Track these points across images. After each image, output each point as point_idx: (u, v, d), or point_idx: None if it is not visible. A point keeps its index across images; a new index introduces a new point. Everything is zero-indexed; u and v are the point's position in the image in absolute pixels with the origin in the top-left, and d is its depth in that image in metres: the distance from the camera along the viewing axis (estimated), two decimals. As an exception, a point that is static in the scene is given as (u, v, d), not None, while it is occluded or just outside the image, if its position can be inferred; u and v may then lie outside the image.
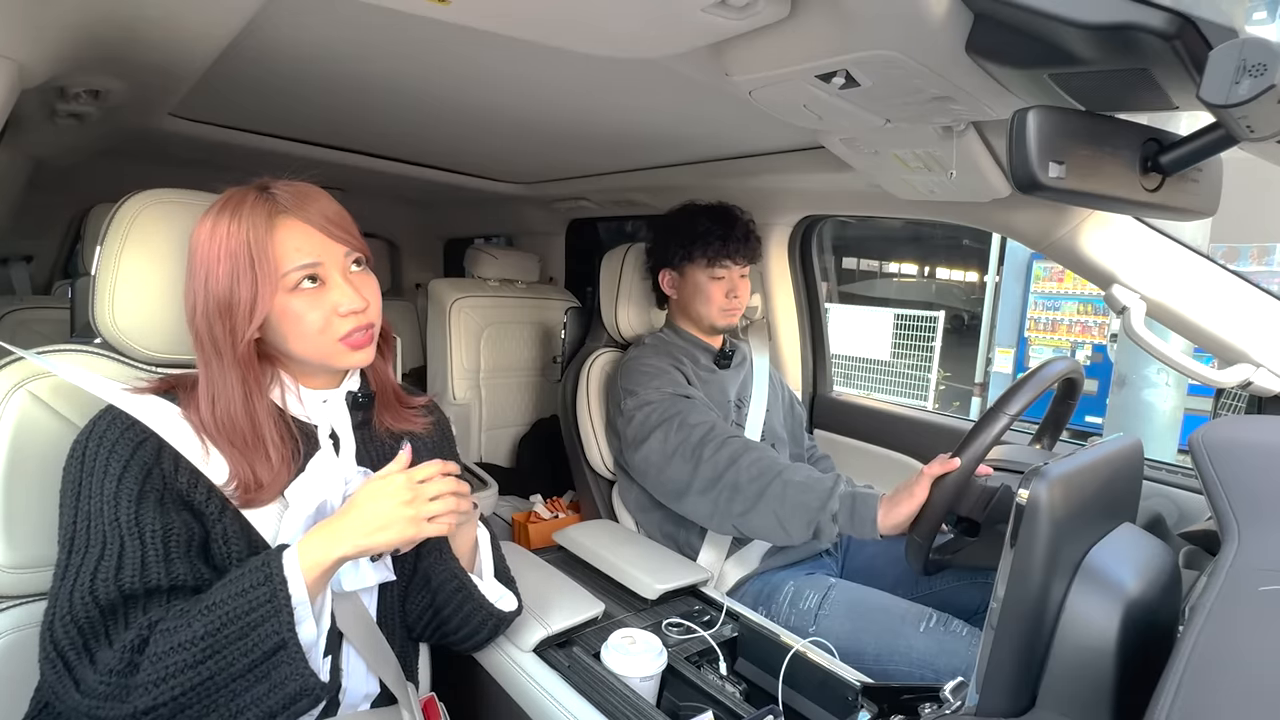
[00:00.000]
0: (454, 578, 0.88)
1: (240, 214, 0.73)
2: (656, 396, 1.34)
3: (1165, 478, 1.24)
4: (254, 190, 0.76)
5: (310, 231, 0.76)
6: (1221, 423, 0.73)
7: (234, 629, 0.66)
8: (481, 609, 0.90)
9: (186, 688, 0.64)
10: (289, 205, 0.75)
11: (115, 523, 0.69)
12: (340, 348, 0.78)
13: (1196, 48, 0.59)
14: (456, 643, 0.94)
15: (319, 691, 0.69)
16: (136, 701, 0.63)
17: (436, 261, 3.04)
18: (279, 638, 0.66)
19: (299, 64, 1.05)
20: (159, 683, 0.64)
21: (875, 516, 1.04)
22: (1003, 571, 0.55)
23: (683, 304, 1.51)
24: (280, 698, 0.67)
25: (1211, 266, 1.10)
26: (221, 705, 0.66)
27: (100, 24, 0.87)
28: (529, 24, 0.81)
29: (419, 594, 0.90)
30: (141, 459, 0.71)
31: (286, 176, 0.79)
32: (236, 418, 0.75)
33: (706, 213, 1.46)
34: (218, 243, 0.73)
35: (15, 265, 2.36)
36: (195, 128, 1.48)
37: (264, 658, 0.66)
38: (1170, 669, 0.46)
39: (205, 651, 0.65)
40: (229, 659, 0.65)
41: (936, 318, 6.28)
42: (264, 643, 0.66)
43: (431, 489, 0.74)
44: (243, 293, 0.72)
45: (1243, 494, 0.59)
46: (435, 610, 0.90)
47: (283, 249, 0.74)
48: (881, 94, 0.85)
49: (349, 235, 0.79)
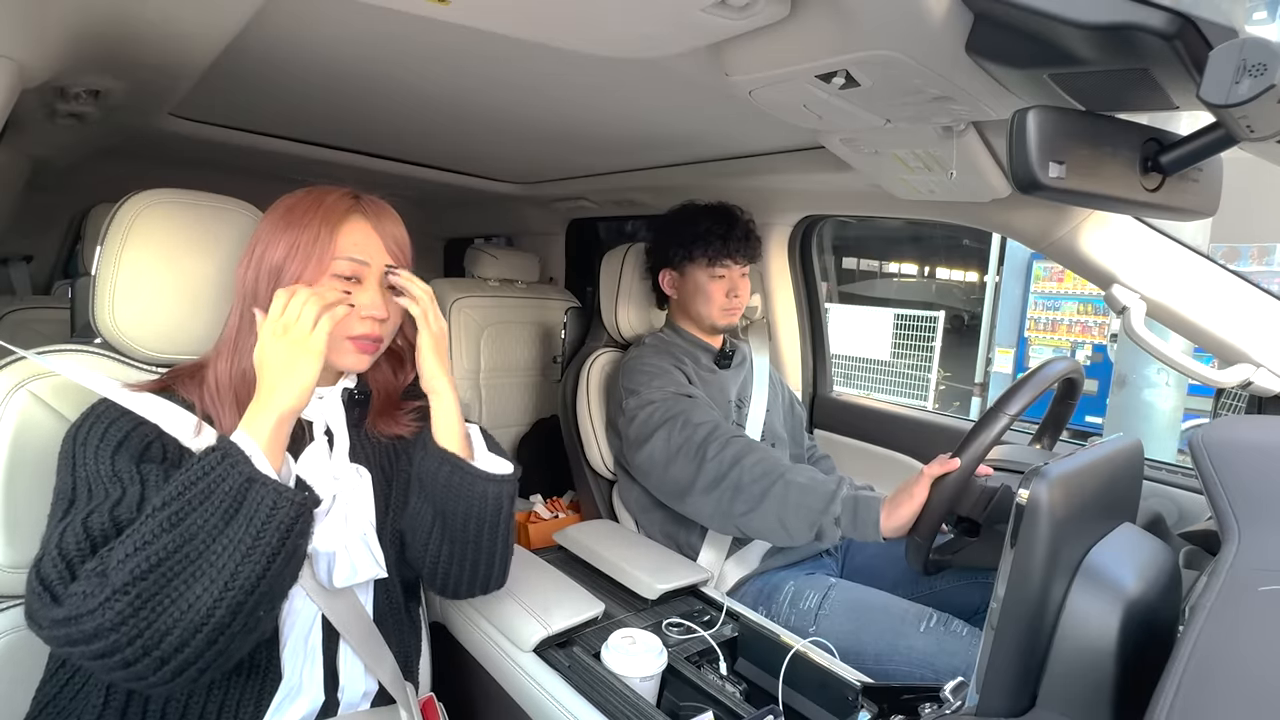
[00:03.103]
0: (443, 459, 0.84)
1: (322, 202, 0.81)
2: (659, 396, 1.34)
3: (1165, 478, 1.24)
4: (344, 190, 0.83)
5: (374, 238, 0.82)
6: (1221, 423, 0.73)
7: (197, 490, 0.64)
8: (479, 479, 0.84)
9: (160, 556, 0.61)
10: (368, 211, 0.83)
11: (115, 477, 0.69)
12: (346, 345, 0.81)
13: (1196, 48, 0.59)
14: (474, 555, 0.87)
15: (296, 498, 0.67)
16: (114, 580, 0.60)
17: (436, 261, 3.04)
18: (244, 476, 0.65)
19: (299, 64, 1.05)
20: (131, 555, 0.60)
21: (877, 519, 1.04)
22: (1003, 571, 0.55)
23: (683, 304, 1.51)
24: (258, 520, 0.65)
25: (1211, 266, 1.10)
26: (205, 562, 0.63)
27: (100, 24, 0.87)
28: (529, 24, 0.81)
29: (421, 507, 0.86)
30: (141, 433, 0.73)
31: (377, 194, 0.86)
32: (250, 370, 0.76)
33: (706, 213, 1.46)
34: (291, 220, 0.80)
35: (15, 265, 2.36)
36: (195, 128, 1.48)
37: (235, 500, 0.65)
38: (1170, 669, 0.46)
39: (173, 518, 0.63)
40: (201, 518, 0.63)
41: (936, 318, 6.29)
42: (231, 489, 0.65)
43: (294, 309, 0.74)
44: (295, 263, 0.78)
45: (1243, 494, 0.59)
46: (440, 518, 0.85)
47: (344, 240, 0.80)
48: (881, 94, 0.85)
49: (403, 257, 0.85)
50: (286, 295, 0.75)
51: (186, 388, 0.79)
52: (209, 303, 0.85)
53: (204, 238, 0.85)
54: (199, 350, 0.87)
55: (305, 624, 0.80)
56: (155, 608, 0.61)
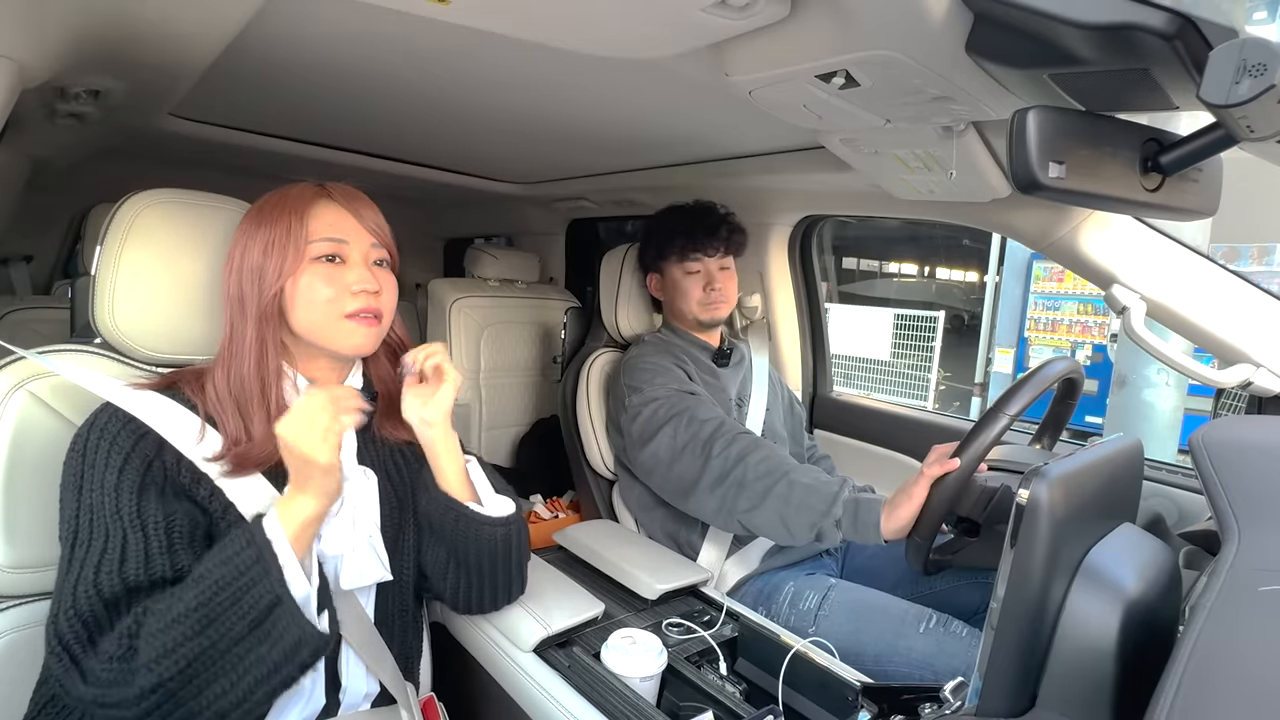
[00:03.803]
0: (451, 509, 0.85)
1: (288, 196, 0.81)
2: (663, 393, 1.34)
3: (1165, 478, 1.23)
4: (310, 182, 0.84)
5: (345, 215, 0.83)
6: (1221, 423, 0.73)
7: (226, 595, 0.66)
8: (485, 525, 0.86)
9: (189, 659, 0.64)
10: (335, 195, 0.84)
11: (117, 515, 0.69)
12: (344, 326, 0.81)
13: (1196, 48, 0.59)
14: (494, 585, 0.92)
15: (317, 641, 0.69)
16: (141, 682, 0.63)
17: (436, 261, 3.04)
18: (273, 595, 0.67)
19: (299, 64, 1.05)
20: (160, 659, 0.64)
21: (878, 522, 1.03)
22: (1003, 571, 0.54)
23: (669, 304, 1.54)
24: (281, 650, 0.67)
25: (1211, 266, 1.10)
26: (227, 670, 0.66)
27: (100, 24, 0.87)
28: (529, 24, 0.81)
29: (435, 547, 0.89)
30: (143, 451, 0.72)
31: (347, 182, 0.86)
32: (248, 376, 0.77)
33: (676, 212, 1.49)
34: (262, 219, 0.80)
35: (15, 265, 2.36)
36: (195, 128, 1.48)
37: (261, 617, 0.67)
38: (1170, 669, 0.46)
39: (201, 622, 0.65)
40: (227, 624, 0.66)
41: (936, 318, 6.29)
42: (259, 603, 0.66)
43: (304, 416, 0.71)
44: (273, 259, 0.79)
45: (1243, 494, 0.59)
46: (451, 551, 0.88)
47: (316, 223, 0.81)
48: (881, 94, 0.85)
49: (380, 231, 0.85)
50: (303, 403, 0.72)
51: (191, 388, 0.78)
52: (208, 302, 0.85)
53: (204, 238, 0.85)
54: (198, 350, 0.87)
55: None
56: (179, 701, 0.65)
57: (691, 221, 1.46)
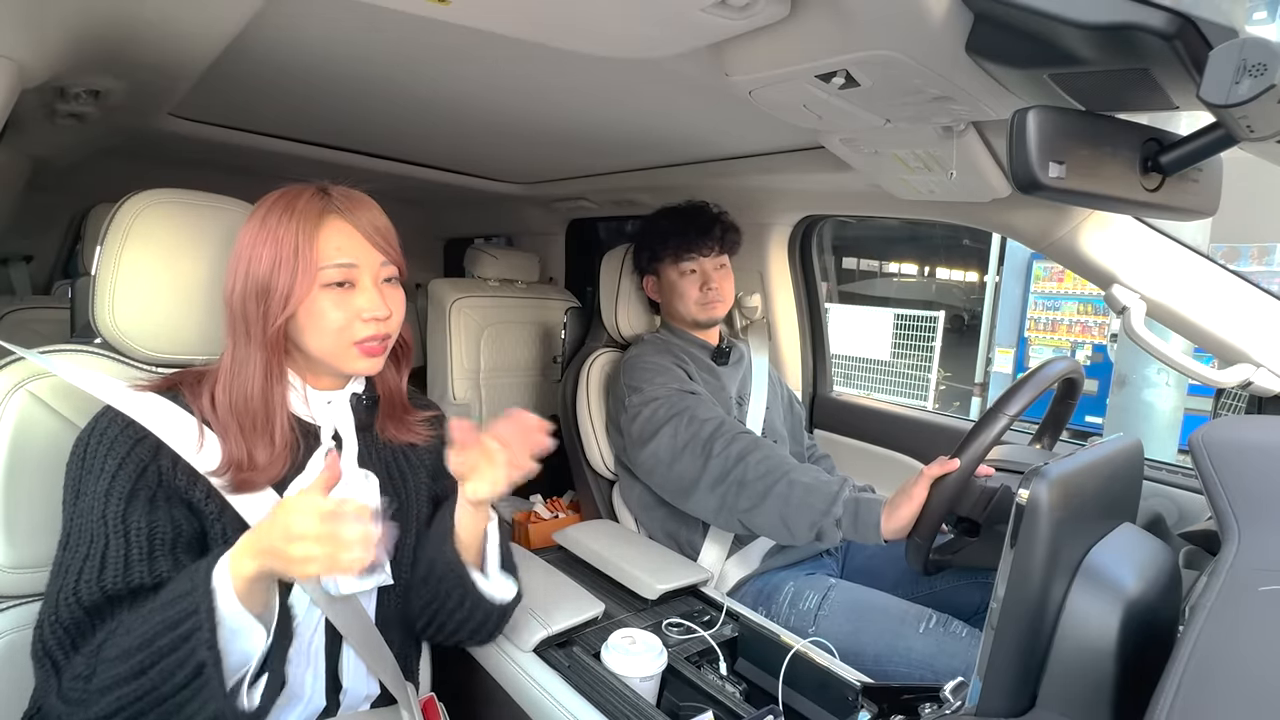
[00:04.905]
0: (454, 572, 0.86)
1: (294, 208, 0.77)
2: (663, 392, 1.34)
3: (1165, 478, 1.23)
4: (311, 189, 0.80)
5: (354, 235, 0.79)
6: (1221, 423, 0.73)
7: (166, 641, 0.63)
8: (483, 605, 0.88)
9: (133, 698, 0.63)
10: (341, 207, 0.79)
11: (102, 520, 0.69)
12: (353, 352, 0.80)
13: (1196, 48, 0.58)
14: (459, 641, 0.93)
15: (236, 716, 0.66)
16: (93, 709, 0.64)
17: (436, 261, 3.04)
18: (199, 659, 0.63)
19: (299, 64, 1.04)
20: (110, 689, 0.63)
21: (878, 522, 1.03)
22: (1003, 571, 0.54)
23: (666, 305, 1.54)
24: (205, 718, 0.65)
25: (1211, 266, 1.10)
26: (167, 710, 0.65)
27: (100, 24, 0.87)
28: (529, 24, 0.81)
29: (421, 587, 0.89)
30: (138, 456, 0.72)
31: (346, 183, 0.83)
32: (252, 398, 0.76)
33: (669, 214, 1.50)
34: (268, 231, 0.76)
35: (15, 265, 2.36)
36: (195, 128, 1.48)
37: (191, 677, 0.64)
38: (1170, 669, 0.46)
39: (142, 664, 0.63)
40: (166, 672, 0.63)
41: (936, 318, 6.29)
42: (189, 660, 0.63)
43: (348, 532, 0.63)
44: (281, 279, 0.75)
45: (1243, 494, 0.59)
46: (438, 605, 0.88)
47: (325, 246, 0.77)
48: (881, 94, 0.85)
49: (389, 248, 0.82)
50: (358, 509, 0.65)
51: (193, 391, 0.78)
52: (209, 302, 0.85)
53: (204, 238, 0.85)
54: (199, 350, 0.87)
55: (308, 630, 0.80)
56: None
57: (685, 222, 1.46)
